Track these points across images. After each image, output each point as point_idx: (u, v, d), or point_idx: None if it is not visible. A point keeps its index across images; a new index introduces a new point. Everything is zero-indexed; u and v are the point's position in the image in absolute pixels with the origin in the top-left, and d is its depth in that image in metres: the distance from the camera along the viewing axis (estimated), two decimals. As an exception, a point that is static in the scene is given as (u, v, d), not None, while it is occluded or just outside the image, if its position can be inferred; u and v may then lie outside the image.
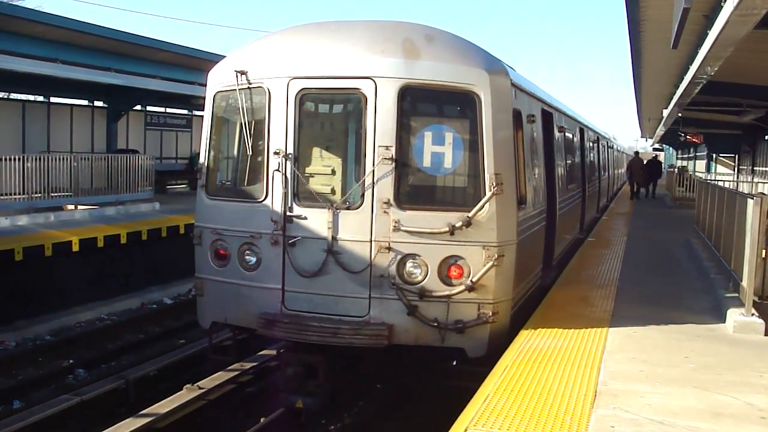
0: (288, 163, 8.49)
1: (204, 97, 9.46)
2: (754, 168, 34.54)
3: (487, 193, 8.07)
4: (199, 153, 9.71)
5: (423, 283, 8.14)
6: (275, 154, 8.50)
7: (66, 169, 20.53)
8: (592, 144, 21.19)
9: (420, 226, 8.09)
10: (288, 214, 8.49)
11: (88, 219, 19.98)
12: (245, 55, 9.00)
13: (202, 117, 9.58)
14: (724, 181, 26.97)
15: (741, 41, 11.71)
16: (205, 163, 9.32)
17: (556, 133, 12.95)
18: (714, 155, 44.58)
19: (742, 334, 8.63)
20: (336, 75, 8.35)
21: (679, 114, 28.82)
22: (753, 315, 8.84)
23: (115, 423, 8.64)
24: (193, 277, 9.54)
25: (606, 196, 28.39)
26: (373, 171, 8.17)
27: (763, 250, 9.14)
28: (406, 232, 8.11)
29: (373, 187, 8.18)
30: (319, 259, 8.35)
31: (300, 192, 8.53)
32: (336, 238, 8.32)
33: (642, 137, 71.95)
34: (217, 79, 9.17)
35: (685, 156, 62.14)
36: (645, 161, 35.18)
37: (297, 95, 8.48)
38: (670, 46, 13.39)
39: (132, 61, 29.31)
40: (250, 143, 8.74)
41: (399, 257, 8.16)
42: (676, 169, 41.38)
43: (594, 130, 22.73)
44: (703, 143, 42.11)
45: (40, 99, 28.51)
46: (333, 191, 8.54)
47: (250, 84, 8.70)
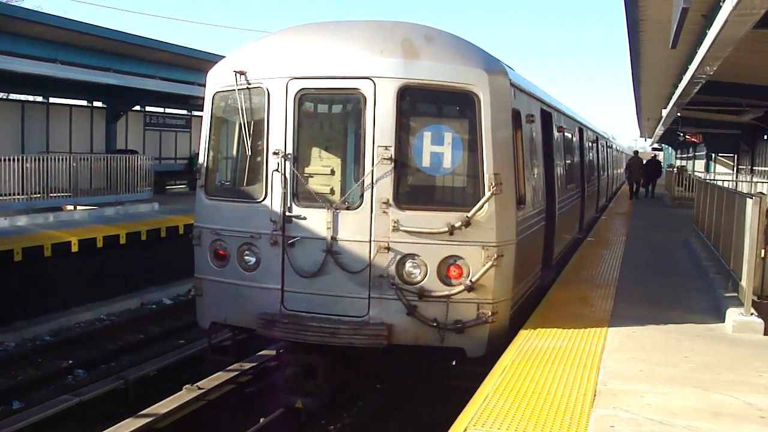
0: (287, 163, 8.49)
1: (203, 98, 9.46)
2: (753, 167, 34.54)
3: (486, 193, 8.07)
4: (198, 153, 9.71)
5: (422, 283, 8.14)
6: (274, 154, 8.50)
7: (65, 170, 20.51)
8: (591, 144, 21.20)
9: (419, 226, 8.09)
10: (287, 214, 8.49)
11: (88, 219, 19.98)
12: (244, 55, 9.00)
13: (202, 117, 9.58)
14: (723, 180, 26.98)
15: (740, 41, 11.72)
16: (205, 164, 9.31)
17: (555, 132, 12.96)
18: (713, 155, 44.56)
19: (742, 333, 8.64)
20: (335, 75, 8.35)
21: (678, 114, 28.83)
22: (752, 314, 8.85)
23: (114, 423, 8.64)
24: (192, 277, 9.55)
25: (605, 196, 28.40)
26: (372, 171, 8.17)
27: (762, 250, 9.14)
28: (406, 232, 8.11)
29: (372, 187, 8.18)
30: (318, 260, 8.35)
31: (299, 192, 8.53)
32: (335, 239, 8.32)
33: (641, 137, 71.98)
34: (216, 80, 9.17)
35: (685, 156, 62.15)
36: (644, 161, 35.22)
37: (296, 95, 8.48)
38: (669, 45, 13.40)
39: (131, 61, 29.33)
40: (249, 143, 8.73)
41: (398, 257, 8.16)
42: (675, 169, 41.41)
43: (593, 130, 22.74)
44: (702, 143, 42.11)
45: (39, 99, 28.52)
46: (332, 191, 8.54)
47: (249, 84, 8.70)
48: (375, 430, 9.67)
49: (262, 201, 8.62)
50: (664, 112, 29.52)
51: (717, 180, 25.01)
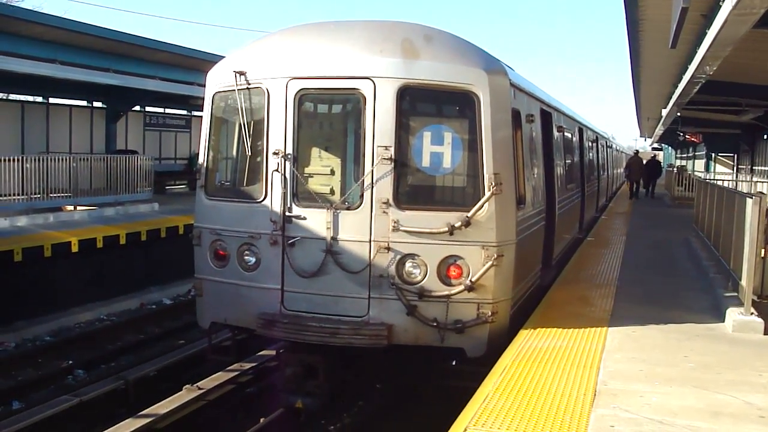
0: (287, 163, 8.49)
1: (203, 98, 9.46)
2: (753, 167, 34.55)
3: (486, 193, 8.07)
4: (198, 153, 9.71)
5: (422, 283, 8.14)
6: (274, 154, 8.50)
7: (65, 170, 20.51)
8: (591, 143, 21.20)
9: (419, 226, 8.10)
10: (287, 214, 8.50)
11: (87, 220, 19.97)
12: (244, 55, 9.00)
13: (201, 117, 9.58)
14: (723, 180, 26.98)
15: (740, 40, 11.72)
16: (204, 164, 9.32)
17: (555, 132, 12.95)
18: (713, 154, 44.57)
19: (742, 333, 8.64)
20: (335, 75, 8.35)
21: (678, 113, 28.83)
22: (752, 314, 8.85)
23: (114, 424, 8.64)
24: (192, 277, 9.55)
25: (605, 196, 28.41)
26: (372, 171, 8.17)
27: (762, 249, 9.14)
28: (406, 232, 8.12)
29: (372, 187, 8.18)
30: (318, 260, 8.35)
31: (299, 192, 8.53)
32: (335, 239, 8.32)
33: (641, 137, 71.98)
34: (216, 80, 9.17)
35: (684, 155, 62.14)
36: (644, 161, 35.25)
37: (296, 95, 8.48)
38: (669, 45, 13.40)
39: (131, 61, 29.32)
40: (249, 144, 8.74)
41: (398, 257, 8.16)
42: (675, 169, 41.41)
43: (593, 130, 22.74)
44: (702, 143, 42.11)
45: (39, 100, 28.51)
46: (332, 191, 8.54)
47: (249, 84, 8.70)
48: (375, 430, 9.67)
49: (262, 201, 8.62)
50: (664, 112, 29.53)
51: (717, 180, 25.02)
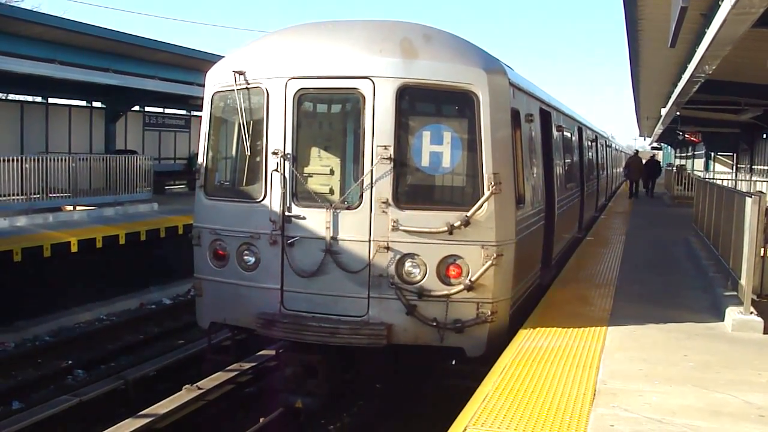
0: (286, 163, 8.49)
1: (202, 98, 9.46)
2: (753, 166, 34.56)
3: (486, 193, 8.07)
4: (197, 153, 9.71)
5: (422, 282, 8.15)
6: (273, 154, 8.50)
7: (64, 170, 20.49)
8: (590, 143, 21.20)
9: (418, 226, 8.10)
10: (286, 214, 8.50)
11: (87, 220, 19.97)
12: (243, 55, 9.00)
13: (201, 117, 9.58)
14: (723, 179, 27.00)
15: (739, 40, 11.71)
16: (204, 164, 9.32)
17: (555, 132, 12.96)
18: (712, 154, 44.57)
19: (741, 332, 8.64)
20: (334, 75, 8.35)
21: (678, 113, 28.82)
22: (752, 313, 8.85)
23: (114, 423, 8.63)
24: (192, 277, 9.55)
25: (605, 195, 28.42)
26: (371, 171, 8.17)
27: (762, 249, 9.14)
28: (405, 231, 8.12)
29: (371, 187, 8.19)
30: (317, 259, 8.35)
31: (298, 192, 8.53)
32: (335, 238, 8.32)
33: (640, 136, 71.95)
34: (215, 80, 9.16)
35: (684, 155, 62.15)
36: (644, 161, 35.33)
37: (295, 95, 8.48)
38: (668, 44, 13.39)
39: (130, 61, 29.31)
40: (248, 143, 8.74)
41: (398, 257, 8.16)
42: (675, 168, 41.41)
43: (592, 129, 22.74)
44: (702, 142, 42.10)
45: (38, 100, 28.48)
46: (331, 191, 8.54)
47: (248, 84, 8.70)
48: (375, 430, 9.67)
49: (262, 201, 8.62)
50: (664, 111, 29.51)
51: (716, 179, 25.04)
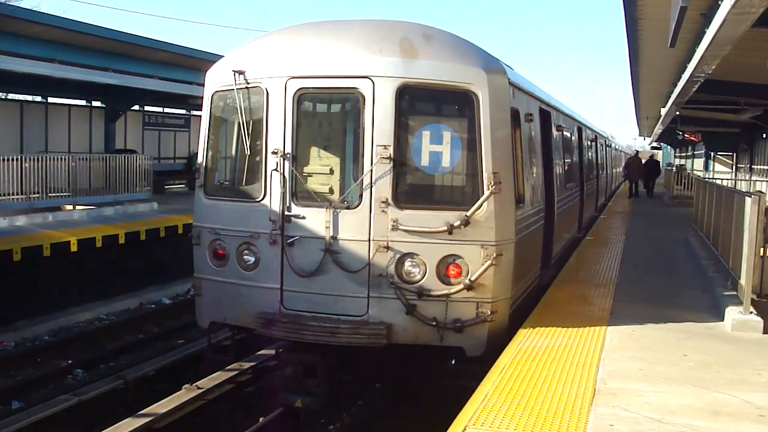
0: (286, 162, 8.48)
1: (202, 97, 9.46)
2: (752, 166, 34.56)
3: (486, 192, 8.07)
4: (197, 153, 9.71)
5: (421, 282, 8.14)
6: (273, 153, 8.50)
7: (64, 170, 20.52)
8: (590, 143, 21.19)
9: (418, 226, 8.09)
10: (286, 213, 8.49)
11: (86, 219, 19.97)
12: (243, 54, 8.99)
13: (200, 117, 9.58)
14: (722, 179, 27.01)
15: (739, 39, 11.71)
16: (203, 163, 9.31)
17: (554, 131, 12.95)
18: (712, 153, 44.57)
19: (741, 332, 8.64)
20: (334, 74, 8.34)
21: (677, 112, 28.82)
22: (751, 313, 8.85)
23: (113, 423, 8.63)
24: (191, 277, 9.54)
25: (604, 195, 28.42)
26: (371, 170, 8.17)
27: (761, 248, 9.14)
28: (405, 231, 8.11)
29: (371, 187, 8.18)
30: (317, 259, 8.35)
31: (298, 191, 8.52)
32: (334, 238, 8.31)
33: (640, 136, 71.95)
34: (215, 79, 9.16)
35: (683, 154, 62.16)
36: (643, 161, 35.42)
37: (295, 95, 8.47)
38: (668, 44, 13.39)
39: (130, 61, 29.30)
40: (248, 143, 8.73)
41: (397, 256, 8.16)
42: (674, 168, 41.42)
43: (592, 129, 22.74)
44: (701, 141, 42.11)
45: (38, 99, 28.49)
46: (331, 191, 8.54)
47: (248, 84, 8.69)
48: (374, 430, 9.68)
49: (261, 200, 8.62)
50: (663, 111, 29.52)
51: (716, 179, 25.04)
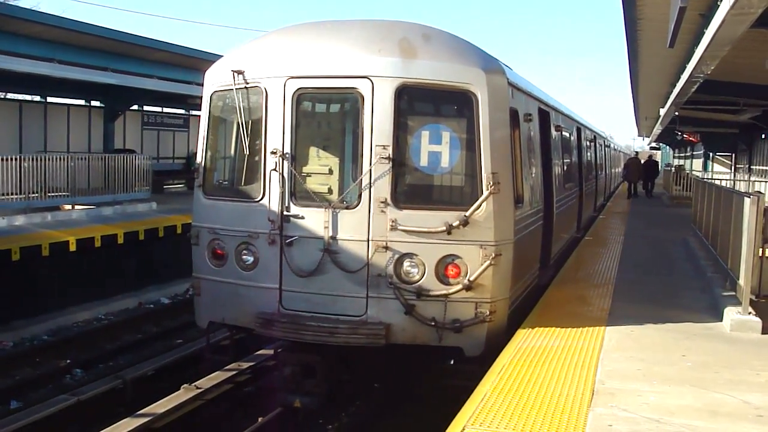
0: (285, 162, 8.48)
1: (201, 97, 9.46)
2: (751, 167, 34.57)
3: (484, 193, 8.07)
4: (196, 153, 9.71)
5: (420, 282, 8.14)
6: (272, 153, 8.50)
7: (63, 169, 20.49)
8: (589, 143, 21.20)
9: (417, 226, 8.09)
10: (285, 213, 8.49)
11: (85, 219, 19.95)
12: (242, 54, 8.99)
13: (199, 117, 9.58)
14: (721, 179, 27.02)
15: (738, 40, 11.73)
16: (202, 163, 9.31)
17: (553, 132, 12.96)
18: (711, 154, 44.60)
19: (739, 332, 8.65)
20: (333, 74, 8.34)
21: (676, 113, 28.83)
22: (750, 313, 8.85)
23: (112, 423, 8.64)
24: (190, 276, 9.54)
25: (603, 195, 28.43)
26: (370, 170, 8.17)
27: (760, 249, 9.14)
28: (404, 231, 8.11)
29: (370, 187, 8.18)
30: (316, 259, 8.34)
31: (297, 191, 8.52)
32: (333, 238, 8.31)
33: (639, 136, 72.02)
34: (214, 79, 9.16)
35: (682, 155, 62.18)
36: (642, 161, 35.47)
37: (294, 95, 8.47)
38: (667, 45, 13.41)
39: (129, 60, 29.30)
40: (247, 143, 8.73)
41: (396, 256, 8.16)
42: (673, 168, 41.45)
43: (591, 129, 22.74)
44: (700, 142, 42.13)
45: (37, 99, 28.48)
46: (330, 191, 8.54)
47: (247, 83, 8.69)
48: (373, 430, 9.68)
49: (260, 200, 8.62)
50: (662, 111, 29.56)
51: (715, 179, 25.05)
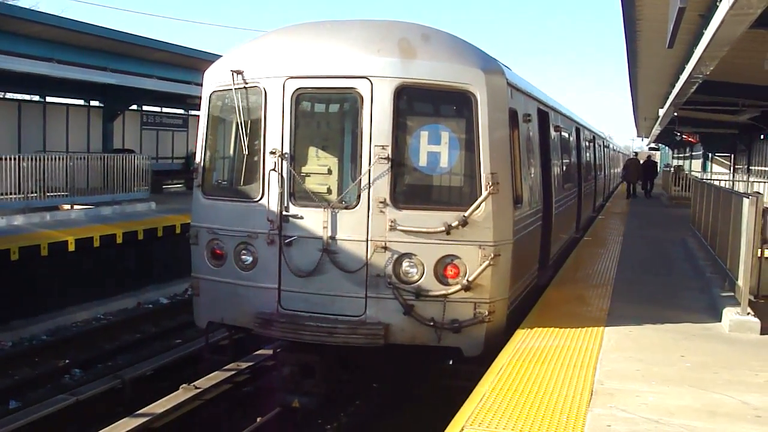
0: (284, 162, 8.48)
1: (200, 97, 9.46)
2: (750, 167, 34.60)
3: (483, 193, 8.07)
4: (195, 152, 9.72)
5: (419, 282, 8.14)
6: (271, 153, 8.49)
7: (62, 169, 20.48)
8: (588, 143, 21.20)
9: (416, 226, 8.09)
10: (284, 213, 8.49)
11: (84, 219, 19.94)
12: (241, 54, 8.99)
13: (199, 116, 9.58)
14: (720, 180, 27.03)
15: (737, 41, 11.74)
16: (201, 163, 9.30)
17: (552, 132, 12.96)
18: (710, 154, 44.65)
19: (738, 333, 8.65)
20: (332, 74, 8.34)
21: (675, 113, 28.87)
22: (749, 314, 8.86)
23: (111, 423, 8.64)
24: (189, 276, 9.54)
25: (602, 196, 28.43)
26: (369, 170, 8.17)
27: (759, 249, 9.15)
28: (403, 231, 8.11)
29: (369, 187, 8.18)
30: (315, 259, 8.34)
31: (296, 191, 8.52)
32: (332, 238, 8.31)
33: (638, 136, 72.07)
34: (213, 79, 9.15)
35: (682, 155, 62.22)
36: (641, 162, 35.52)
37: (293, 95, 8.47)
38: (666, 45, 13.42)
39: (128, 60, 29.29)
40: (246, 143, 8.72)
41: (395, 257, 8.15)
42: (672, 168, 41.48)
43: (590, 130, 22.75)
44: (699, 142, 42.17)
45: (36, 98, 28.47)
46: (329, 191, 8.53)
47: (246, 83, 8.69)
48: (372, 430, 9.68)
49: (259, 200, 8.61)
50: (661, 112, 29.59)
51: (714, 179, 25.06)
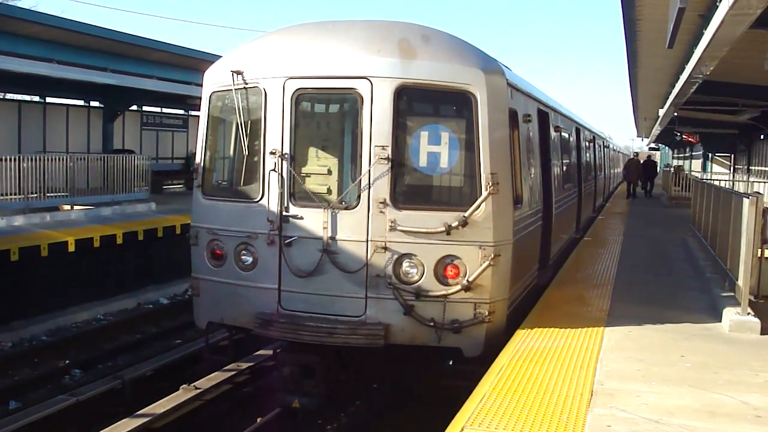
0: (284, 162, 8.48)
1: (200, 97, 9.46)
2: (750, 167, 34.59)
3: (483, 193, 8.07)
4: (195, 153, 9.72)
5: (419, 282, 8.14)
6: (271, 154, 8.49)
7: (62, 170, 20.49)
8: (588, 143, 21.20)
9: (416, 226, 8.09)
10: (284, 213, 8.49)
11: (84, 219, 19.95)
12: (241, 55, 8.99)
13: (199, 117, 9.58)
14: (720, 180, 27.02)
15: (737, 41, 11.74)
16: (201, 163, 9.30)
17: (552, 132, 12.96)
18: (710, 154, 44.65)
19: (738, 333, 8.65)
20: (332, 75, 8.34)
21: (675, 113, 28.87)
22: (749, 314, 8.86)
23: (111, 423, 8.63)
24: (189, 277, 9.54)
25: (602, 196, 28.43)
26: (369, 171, 8.17)
27: (759, 250, 9.15)
28: (403, 231, 8.11)
29: (369, 187, 8.18)
30: (315, 259, 8.34)
31: (296, 192, 8.52)
32: (332, 238, 8.31)
33: (638, 136, 72.06)
34: (213, 79, 9.16)
35: (681, 155, 62.21)
36: (641, 162, 35.56)
37: (293, 95, 8.47)
38: (666, 45, 13.42)
39: (128, 61, 29.30)
40: (246, 143, 8.73)
41: (395, 257, 8.15)
42: (672, 168, 41.48)
43: (590, 130, 22.75)
44: (699, 142, 42.17)
45: (36, 99, 28.48)
46: (329, 191, 8.54)
47: (246, 84, 8.69)
48: (372, 430, 9.67)
49: (259, 201, 8.61)
50: (661, 112, 29.59)
51: (714, 180, 25.07)
